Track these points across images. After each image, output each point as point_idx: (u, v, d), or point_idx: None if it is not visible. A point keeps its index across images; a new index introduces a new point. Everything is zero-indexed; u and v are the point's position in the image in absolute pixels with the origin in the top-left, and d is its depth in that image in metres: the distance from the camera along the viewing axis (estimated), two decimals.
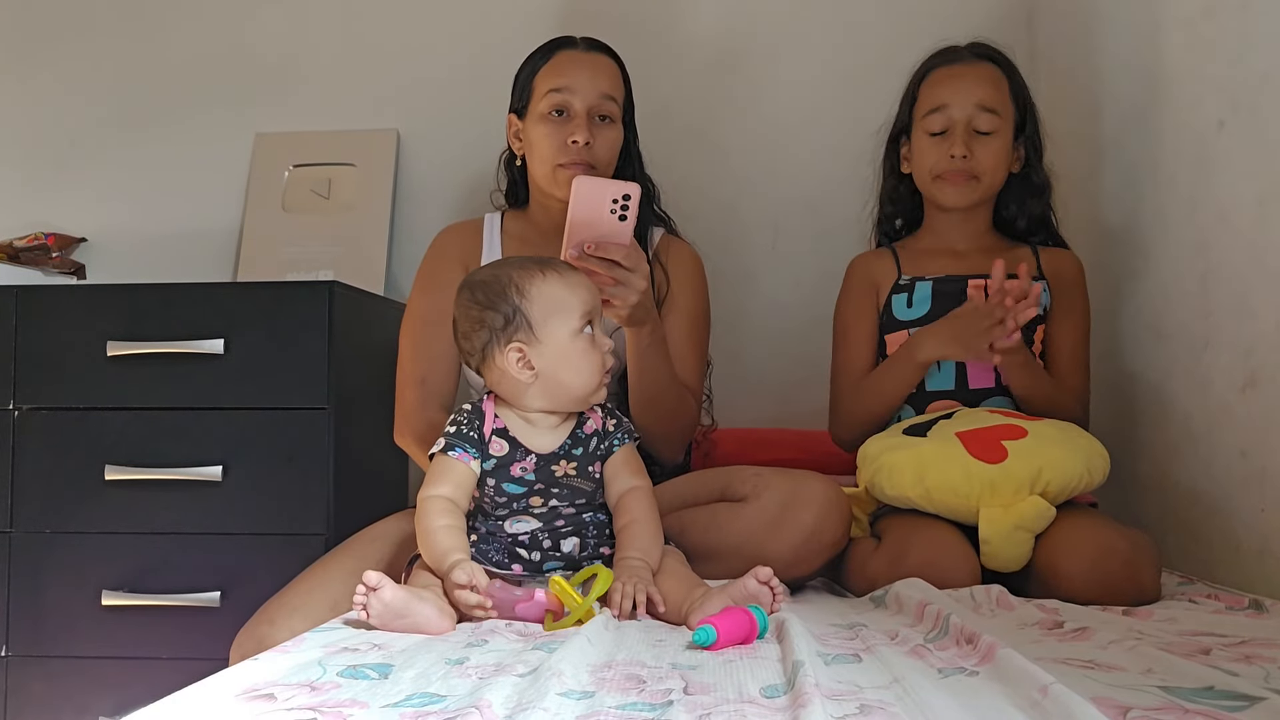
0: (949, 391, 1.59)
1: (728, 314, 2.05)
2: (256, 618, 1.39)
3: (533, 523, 1.23)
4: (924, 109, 1.64)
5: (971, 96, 1.60)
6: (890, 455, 1.45)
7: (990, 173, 1.60)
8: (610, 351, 1.24)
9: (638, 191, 1.30)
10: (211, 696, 0.79)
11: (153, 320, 1.72)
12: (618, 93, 1.62)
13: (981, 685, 0.82)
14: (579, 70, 1.59)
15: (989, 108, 1.60)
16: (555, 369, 1.22)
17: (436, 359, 1.57)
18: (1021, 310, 1.46)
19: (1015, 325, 1.46)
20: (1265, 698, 0.75)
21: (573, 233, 1.30)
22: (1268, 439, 1.33)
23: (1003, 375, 1.56)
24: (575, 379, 1.23)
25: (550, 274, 1.24)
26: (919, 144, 1.65)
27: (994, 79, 1.63)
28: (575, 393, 1.24)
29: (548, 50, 1.64)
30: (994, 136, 1.60)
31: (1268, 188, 1.32)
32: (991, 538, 1.36)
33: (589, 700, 0.78)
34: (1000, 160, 1.61)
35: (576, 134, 1.56)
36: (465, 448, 1.23)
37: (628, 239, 1.31)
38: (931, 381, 1.60)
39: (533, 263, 1.25)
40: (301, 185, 2.24)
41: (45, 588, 1.72)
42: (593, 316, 1.25)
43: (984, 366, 1.57)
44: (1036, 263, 1.64)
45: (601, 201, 1.29)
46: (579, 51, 1.63)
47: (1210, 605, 1.23)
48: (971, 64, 1.64)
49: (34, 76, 2.35)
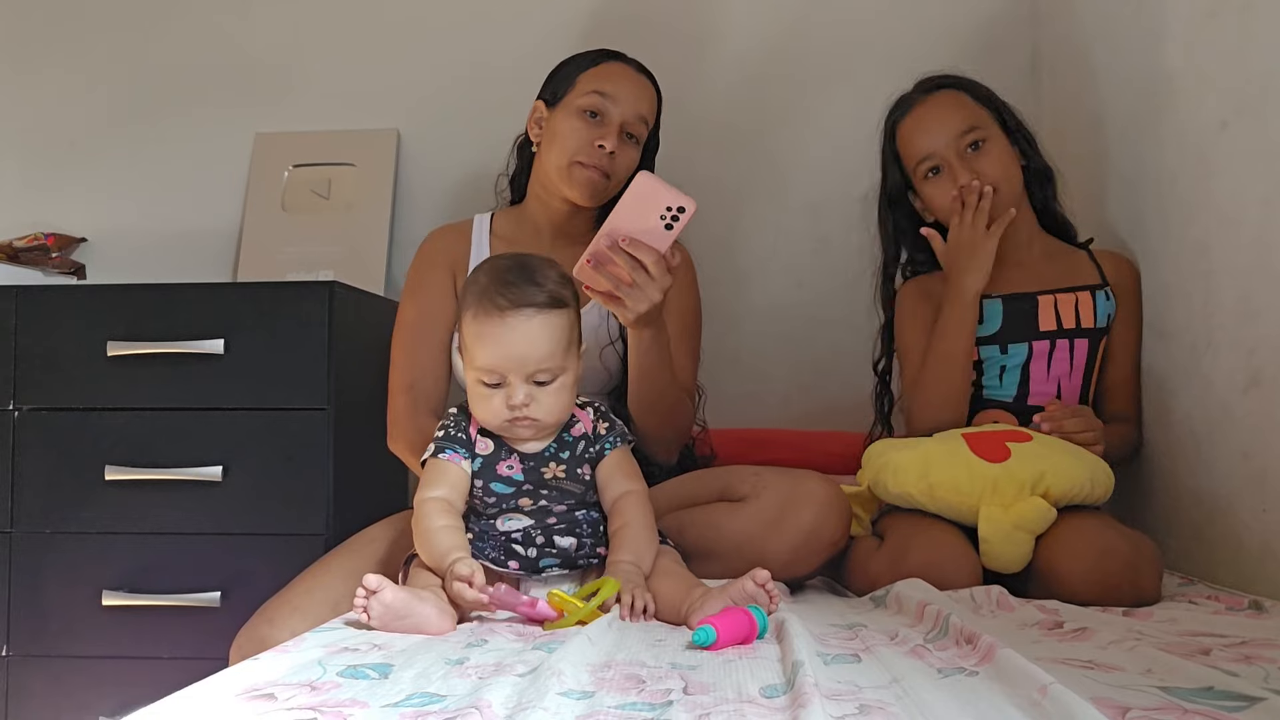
0: (1005, 402, 1.59)
1: (728, 315, 2.06)
2: (256, 618, 1.39)
3: (524, 520, 1.24)
4: (913, 162, 1.64)
5: (947, 129, 1.60)
6: (895, 454, 1.46)
7: (1003, 179, 1.59)
8: (522, 405, 1.19)
9: (693, 208, 1.28)
10: (211, 696, 0.79)
11: (153, 320, 1.72)
12: (651, 119, 1.64)
13: (981, 685, 0.82)
14: (625, 83, 1.61)
15: (967, 129, 1.60)
16: (469, 390, 1.25)
17: (425, 365, 1.58)
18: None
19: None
20: (1265, 698, 0.75)
21: (616, 221, 1.29)
22: (1270, 440, 1.33)
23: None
24: (475, 409, 1.25)
25: (498, 317, 1.19)
26: (928, 193, 1.64)
27: (956, 102, 1.63)
28: (478, 418, 1.25)
29: (598, 56, 1.65)
30: (988, 146, 1.60)
31: (1270, 189, 1.32)
32: (991, 537, 1.36)
33: (589, 700, 0.78)
34: (1006, 164, 1.61)
35: (606, 139, 1.56)
36: (455, 449, 1.24)
37: (666, 248, 1.31)
38: (991, 392, 1.60)
39: (503, 297, 1.19)
40: (301, 185, 2.24)
41: (45, 588, 1.72)
42: (503, 379, 1.20)
43: (1047, 386, 1.57)
44: (1097, 269, 1.64)
45: (656, 203, 1.28)
46: (629, 68, 1.64)
47: (1210, 606, 1.23)
48: (929, 100, 1.64)
49: (34, 76, 2.35)
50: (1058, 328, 1.60)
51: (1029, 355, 1.60)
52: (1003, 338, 1.60)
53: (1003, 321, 1.60)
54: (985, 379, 1.61)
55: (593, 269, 1.31)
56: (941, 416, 1.55)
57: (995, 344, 1.61)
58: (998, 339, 1.60)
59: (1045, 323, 1.60)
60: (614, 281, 1.31)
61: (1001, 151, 1.61)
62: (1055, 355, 1.59)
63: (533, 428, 1.22)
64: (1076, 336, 1.60)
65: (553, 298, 1.21)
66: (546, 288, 1.21)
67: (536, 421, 1.21)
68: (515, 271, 1.21)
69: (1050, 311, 1.60)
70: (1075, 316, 1.60)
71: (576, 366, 1.25)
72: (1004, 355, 1.61)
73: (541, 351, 1.20)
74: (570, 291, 1.25)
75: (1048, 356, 1.59)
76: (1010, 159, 1.62)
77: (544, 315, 1.20)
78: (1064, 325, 1.60)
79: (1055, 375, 1.59)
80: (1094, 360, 1.61)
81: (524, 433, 1.23)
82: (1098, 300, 1.61)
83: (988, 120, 1.62)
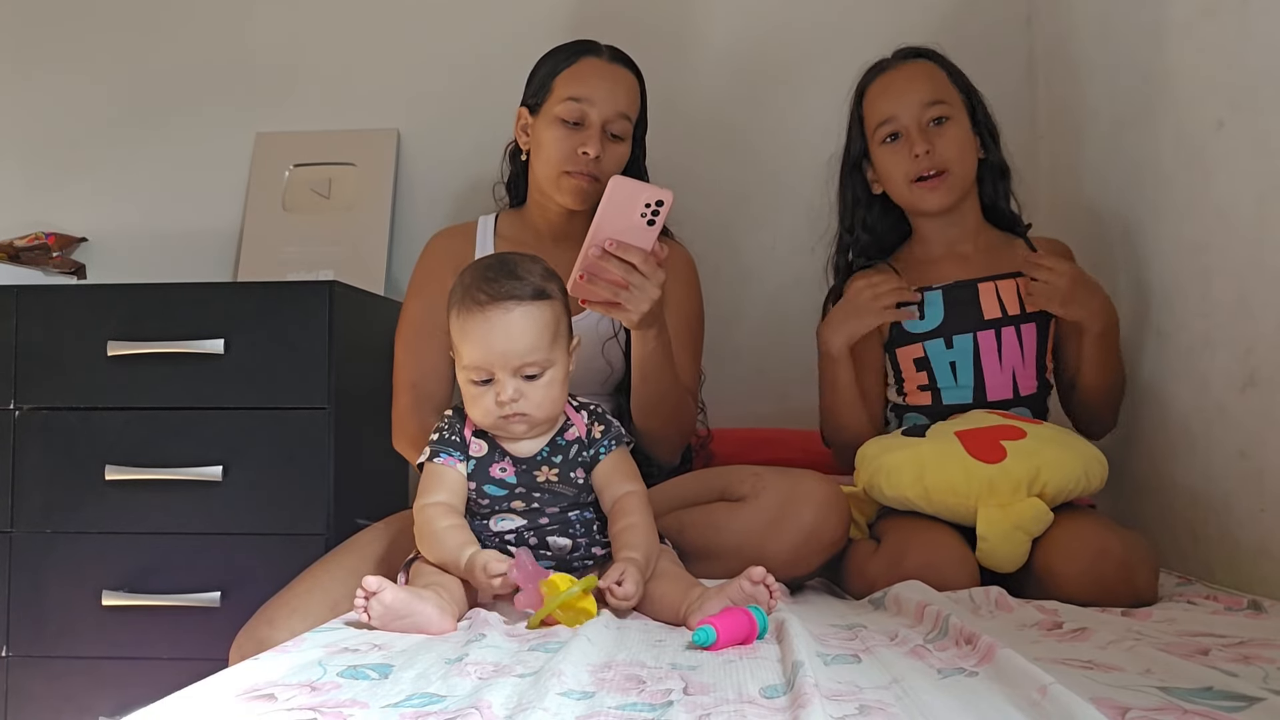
0: (966, 405, 1.57)
1: (727, 314, 2.06)
2: (256, 618, 1.40)
3: (517, 520, 1.24)
4: (873, 125, 1.63)
5: (914, 96, 1.59)
6: (889, 455, 1.45)
7: (958, 161, 1.58)
8: (512, 401, 1.20)
9: (670, 199, 1.29)
10: (211, 696, 0.79)
11: (153, 320, 1.72)
12: (633, 111, 1.62)
13: (981, 685, 0.82)
14: (601, 82, 1.58)
15: (934, 100, 1.59)
16: (462, 390, 1.26)
17: (429, 364, 1.58)
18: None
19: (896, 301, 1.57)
20: (1264, 698, 0.75)
21: (599, 229, 1.30)
22: (1267, 439, 1.33)
23: (1087, 356, 1.56)
24: (469, 409, 1.25)
25: (479, 312, 1.20)
26: (881, 160, 1.63)
27: (929, 73, 1.63)
28: (472, 417, 1.25)
29: (572, 53, 1.61)
30: (949, 124, 1.59)
31: (1267, 187, 1.32)
32: (989, 536, 1.36)
33: (589, 700, 0.79)
34: (964, 146, 1.59)
35: (588, 146, 1.55)
36: (449, 452, 1.25)
37: (651, 244, 1.31)
38: (949, 395, 1.59)
39: (483, 292, 1.21)
40: (302, 185, 2.24)
41: (45, 588, 1.72)
42: (491, 375, 1.21)
43: (1002, 378, 1.57)
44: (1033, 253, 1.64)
45: (634, 203, 1.29)
46: (603, 62, 1.61)
47: (1209, 606, 1.24)
48: (902, 67, 1.64)
49: (35, 76, 2.35)
50: (1002, 314, 1.58)
51: (976, 348, 1.57)
52: (946, 329, 1.59)
53: (945, 313, 1.59)
54: (939, 379, 1.59)
55: (587, 283, 1.32)
56: (850, 440, 1.59)
57: (939, 337, 1.59)
58: (941, 332, 1.59)
59: (989, 310, 1.58)
60: (610, 289, 1.31)
61: (961, 134, 1.60)
62: (1004, 344, 1.57)
63: (525, 423, 1.22)
64: (1023, 321, 1.58)
65: (534, 290, 1.22)
66: (528, 281, 1.22)
67: (528, 417, 1.22)
68: (496, 268, 1.23)
69: (992, 298, 1.58)
70: (1019, 301, 1.58)
71: (567, 360, 1.25)
72: (950, 350, 1.58)
73: (524, 344, 1.20)
74: (555, 285, 1.25)
75: (997, 347, 1.57)
76: (969, 145, 1.60)
77: (525, 307, 1.20)
78: (1008, 311, 1.58)
79: (1009, 365, 1.57)
80: (1045, 344, 1.60)
81: (517, 429, 1.23)
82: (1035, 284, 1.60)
83: (956, 100, 1.61)
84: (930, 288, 1.61)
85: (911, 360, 1.61)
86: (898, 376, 1.64)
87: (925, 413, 1.59)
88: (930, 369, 1.59)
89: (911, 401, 1.62)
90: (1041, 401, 1.60)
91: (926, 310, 1.60)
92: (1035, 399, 1.59)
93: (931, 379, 1.60)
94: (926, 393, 1.60)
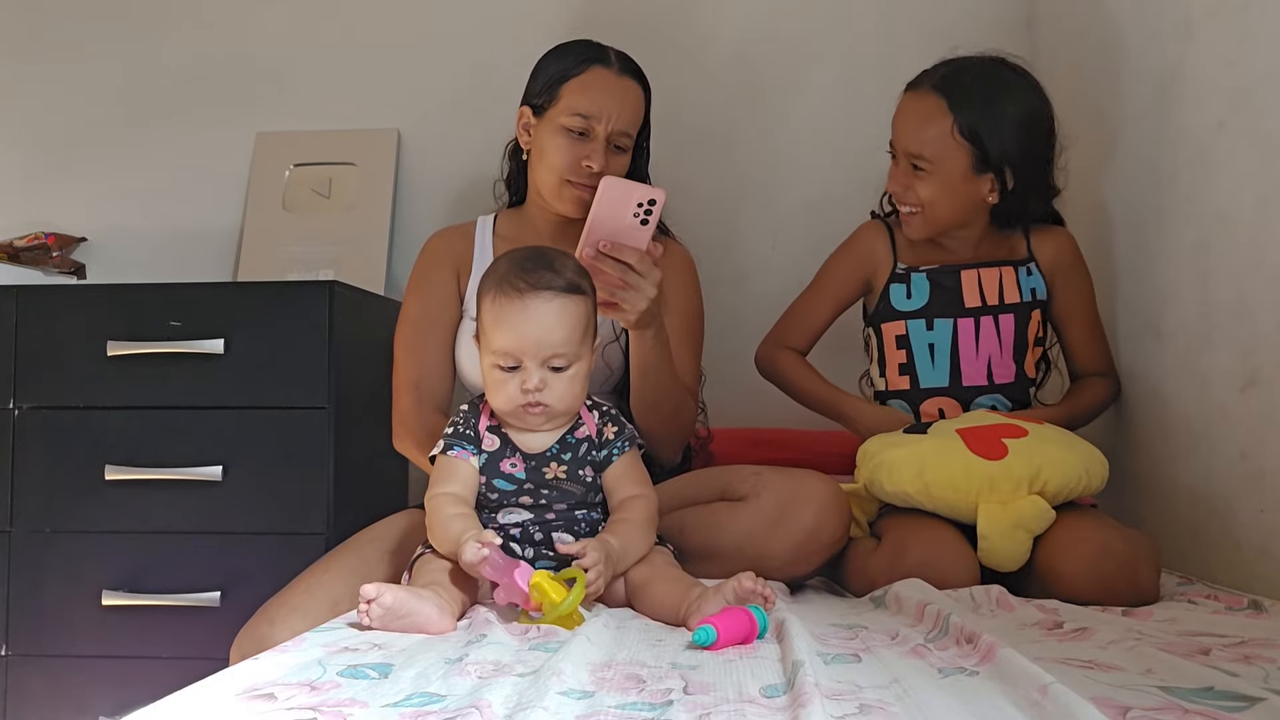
0: (942, 389, 1.62)
1: (727, 315, 2.05)
2: (257, 617, 1.39)
3: (524, 514, 1.25)
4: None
5: (905, 135, 1.60)
6: (890, 452, 1.45)
7: (930, 205, 1.59)
8: (536, 390, 1.21)
9: (662, 197, 1.29)
10: (211, 696, 0.79)
11: (153, 320, 1.72)
12: (638, 123, 1.62)
13: (981, 685, 0.82)
14: (608, 97, 1.57)
15: (915, 153, 1.58)
16: (485, 377, 1.26)
17: (430, 363, 1.58)
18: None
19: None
20: (1264, 698, 0.75)
21: (592, 230, 1.30)
22: (1267, 439, 1.33)
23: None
24: (490, 395, 1.26)
25: (517, 300, 1.21)
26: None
27: (925, 116, 1.57)
28: (493, 404, 1.26)
29: (581, 60, 1.59)
30: (929, 175, 1.58)
31: (1267, 188, 1.32)
32: (990, 534, 1.36)
33: (589, 700, 0.79)
34: (941, 194, 1.58)
35: (592, 159, 1.55)
36: (463, 445, 1.26)
37: (645, 243, 1.31)
38: (925, 378, 1.62)
39: (523, 280, 1.22)
40: (302, 185, 2.24)
41: (45, 587, 1.72)
42: (519, 362, 1.22)
43: (977, 365, 1.61)
44: (1027, 246, 1.66)
45: (626, 203, 1.29)
46: (613, 75, 1.59)
47: (1210, 605, 1.24)
48: (910, 96, 1.62)
49: (35, 76, 2.35)
50: (982, 303, 1.62)
51: (955, 334, 1.61)
52: (929, 312, 1.63)
53: (930, 295, 1.63)
54: (916, 360, 1.63)
55: None
56: (774, 376, 1.73)
57: (922, 318, 1.63)
58: (924, 313, 1.63)
59: (970, 298, 1.62)
60: (606, 289, 1.32)
61: (940, 185, 1.58)
62: (982, 333, 1.61)
63: (544, 414, 1.24)
64: (1001, 312, 1.62)
65: (570, 283, 1.24)
66: (564, 274, 1.24)
67: (548, 408, 1.23)
68: (534, 259, 1.25)
69: (974, 286, 1.62)
70: (999, 292, 1.62)
71: (590, 358, 1.27)
72: (930, 331, 1.63)
73: (558, 335, 1.22)
74: (587, 282, 1.27)
75: (975, 335, 1.61)
76: (955, 190, 1.58)
77: (561, 299, 1.22)
78: (987, 301, 1.62)
79: (985, 353, 1.62)
80: (1024, 336, 1.63)
81: (535, 420, 1.24)
82: (1020, 275, 1.63)
83: (948, 150, 1.56)
84: (917, 269, 1.65)
85: (894, 337, 1.65)
86: (880, 354, 1.67)
87: (905, 398, 1.64)
88: (910, 348, 1.64)
89: (892, 386, 1.66)
90: (1022, 390, 1.64)
91: (913, 290, 1.65)
92: (1012, 388, 1.62)
93: (910, 359, 1.64)
94: (905, 376, 1.64)
